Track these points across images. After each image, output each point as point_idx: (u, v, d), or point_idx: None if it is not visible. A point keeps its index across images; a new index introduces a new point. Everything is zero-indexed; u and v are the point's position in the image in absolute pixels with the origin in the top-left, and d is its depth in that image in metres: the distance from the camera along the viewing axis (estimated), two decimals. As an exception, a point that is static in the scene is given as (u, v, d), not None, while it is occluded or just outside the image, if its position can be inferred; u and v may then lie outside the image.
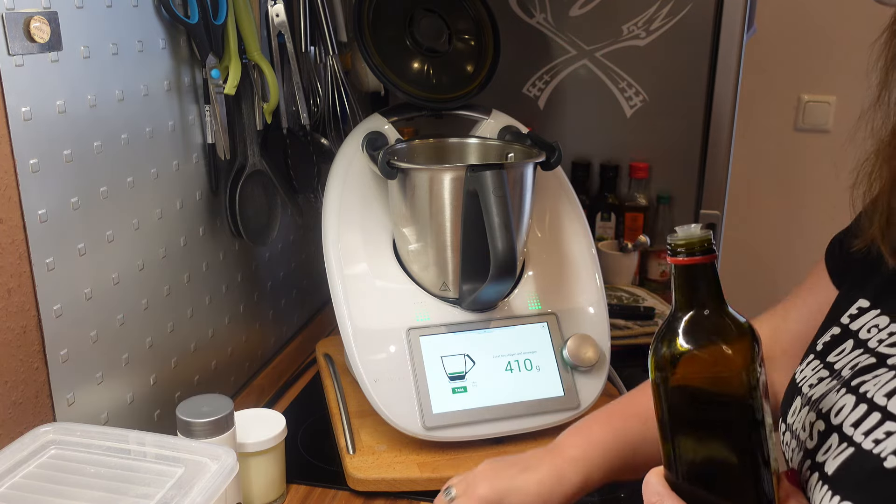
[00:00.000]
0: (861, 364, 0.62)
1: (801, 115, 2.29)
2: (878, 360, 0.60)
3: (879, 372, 0.59)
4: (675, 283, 0.58)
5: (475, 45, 1.18)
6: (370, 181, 1.09)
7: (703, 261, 0.57)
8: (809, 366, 0.68)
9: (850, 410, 0.59)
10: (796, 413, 0.66)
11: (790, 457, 0.67)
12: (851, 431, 0.58)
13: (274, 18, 1.14)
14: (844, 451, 0.58)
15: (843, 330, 0.67)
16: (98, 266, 0.88)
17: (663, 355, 0.58)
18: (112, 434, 0.77)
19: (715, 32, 1.44)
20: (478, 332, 1.03)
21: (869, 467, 0.55)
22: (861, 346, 0.63)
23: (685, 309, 0.58)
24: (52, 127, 0.80)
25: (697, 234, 0.57)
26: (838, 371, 0.64)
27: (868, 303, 0.66)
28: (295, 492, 0.98)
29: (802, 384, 0.67)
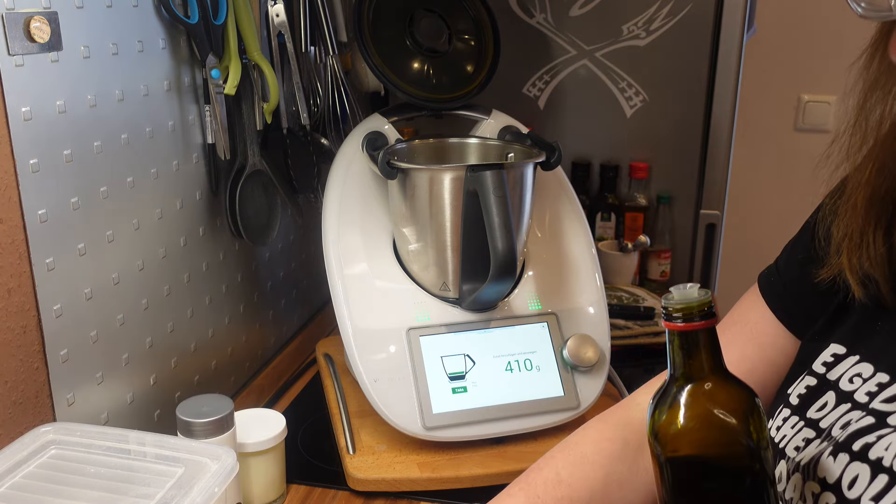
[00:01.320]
0: (856, 424, 0.56)
1: (801, 115, 2.29)
2: (876, 419, 0.55)
3: (884, 432, 0.54)
4: (671, 349, 0.54)
5: (475, 45, 1.18)
6: (370, 181, 1.09)
7: (704, 326, 0.53)
8: (787, 423, 0.62)
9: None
10: (783, 481, 0.60)
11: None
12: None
13: (274, 18, 1.14)
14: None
15: (819, 380, 0.61)
16: (98, 266, 0.88)
17: (664, 429, 0.55)
18: (112, 434, 0.77)
19: (715, 32, 1.44)
20: (478, 332, 1.03)
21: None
22: (847, 399, 0.58)
23: (685, 380, 0.54)
24: (52, 127, 0.80)
25: (696, 297, 0.53)
26: (826, 431, 0.58)
27: (844, 348, 0.61)
28: (295, 492, 0.98)
29: (786, 446, 0.61)
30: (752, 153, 2.29)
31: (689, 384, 0.54)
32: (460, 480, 0.97)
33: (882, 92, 0.58)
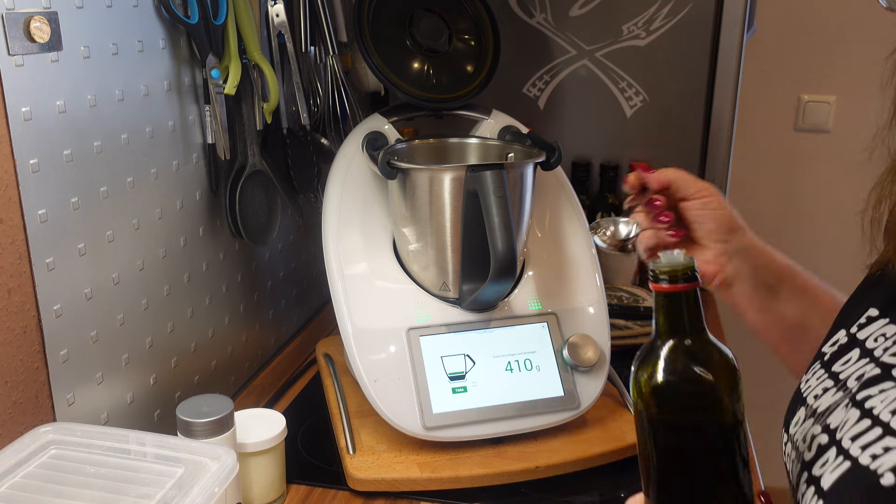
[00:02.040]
0: (867, 375, 0.60)
1: (801, 115, 2.29)
2: (882, 370, 0.59)
3: (886, 386, 0.58)
4: (656, 310, 0.58)
5: (475, 45, 1.18)
6: (370, 181, 1.09)
7: (687, 288, 0.57)
8: (815, 375, 0.67)
9: (853, 424, 0.58)
10: (799, 424, 0.66)
11: (790, 468, 0.67)
12: (849, 445, 0.57)
13: (274, 18, 1.14)
14: (841, 466, 0.57)
15: (850, 338, 0.65)
16: (98, 266, 0.88)
17: (645, 384, 0.57)
18: (112, 434, 0.77)
19: (715, 32, 1.44)
20: (478, 332, 1.03)
21: (865, 484, 0.54)
22: (867, 355, 0.62)
23: (667, 337, 0.57)
24: (52, 127, 0.80)
25: (681, 261, 0.57)
26: (843, 381, 0.63)
27: (877, 311, 0.65)
28: (295, 492, 0.98)
29: (807, 394, 0.66)
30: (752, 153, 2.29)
31: (671, 341, 0.57)
32: (460, 480, 0.97)
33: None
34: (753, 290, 0.84)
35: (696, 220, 0.83)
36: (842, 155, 2.19)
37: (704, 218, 0.83)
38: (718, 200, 0.83)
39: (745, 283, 0.84)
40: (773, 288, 0.84)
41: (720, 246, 0.83)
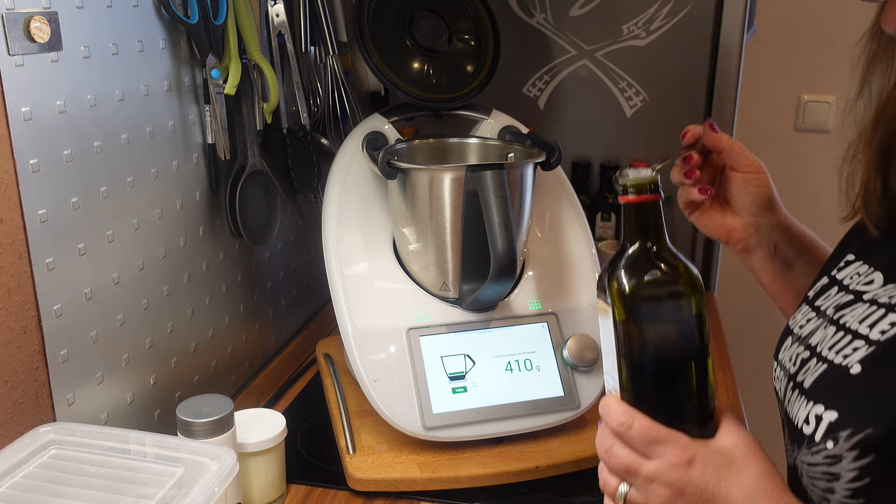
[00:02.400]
0: (841, 302, 0.70)
1: (801, 115, 2.29)
2: (854, 296, 0.69)
3: (856, 305, 0.68)
4: (624, 221, 0.65)
5: (475, 45, 1.18)
6: (370, 181, 1.09)
7: (651, 199, 0.64)
8: (800, 312, 0.76)
9: (830, 338, 0.68)
10: (787, 349, 0.75)
11: (779, 387, 0.75)
12: (827, 353, 0.67)
13: (274, 18, 1.14)
14: (819, 369, 0.67)
15: (830, 280, 0.75)
16: (98, 266, 0.88)
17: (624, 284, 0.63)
18: (112, 434, 0.77)
19: (715, 32, 1.44)
20: (478, 332, 1.03)
21: (838, 377, 0.64)
22: (843, 289, 0.72)
23: (636, 243, 0.64)
24: (52, 127, 0.80)
25: (646, 176, 0.64)
26: (823, 311, 0.72)
27: (854, 256, 0.74)
28: (295, 492, 0.98)
29: (794, 327, 0.75)
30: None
31: (640, 245, 0.64)
32: (460, 480, 0.97)
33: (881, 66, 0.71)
34: (771, 261, 0.90)
35: (737, 191, 0.88)
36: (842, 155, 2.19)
37: (745, 192, 0.88)
38: (762, 179, 0.88)
39: (765, 254, 0.90)
40: (790, 261, 0.90)
41: (751, 218, 0.89)
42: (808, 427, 0.65)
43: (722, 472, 0.61)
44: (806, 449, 0.65)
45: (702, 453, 0.61)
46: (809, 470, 0.65)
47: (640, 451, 0.62)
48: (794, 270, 0.90)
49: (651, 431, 0.61)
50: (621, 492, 0.64)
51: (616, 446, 0.63)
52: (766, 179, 0.88)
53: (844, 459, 0.61)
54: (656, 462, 0.61)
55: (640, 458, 0.62)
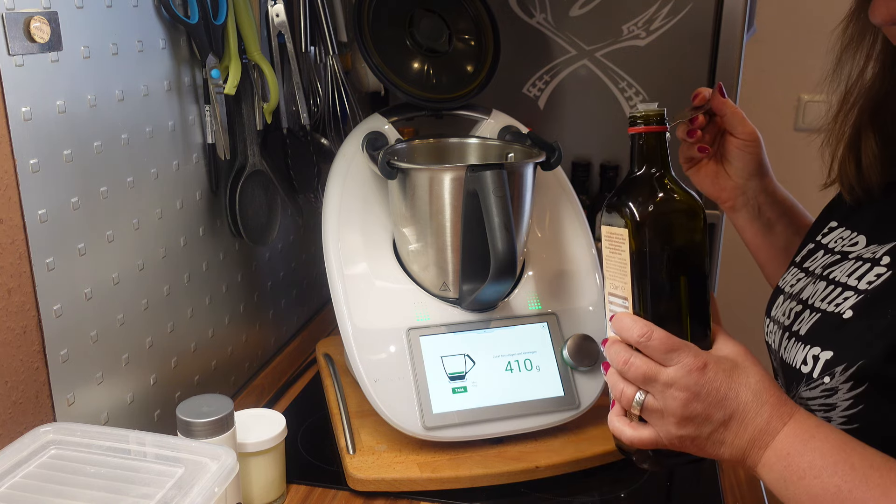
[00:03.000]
0: (829, 262, 0.79)
1: (801, 115, 2.29)
2: (842, 256, 0.78)
3: (843, 263, 0.77)
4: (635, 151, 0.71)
5: (475, 45, 1.18)
6: (370, 181, 1.09)
7: (659, 129, 0.70)
8: (790, 273, 0.84)
9: (822, 292, 0.76)
10: (779, 307, 0.82)
11: (772, 340, 0.82)
12: (819, 304, 0.76)
13: (274, 18, 1.14)
14: (814, 318, 0.75)
15: (816, 244, 0.83)
16: (98, 266, 0.88)
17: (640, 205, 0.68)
18: (112, 434, 0.77)
19: (715, 32, 1.44)
20: (478, 332, 1.03)
21: (832, 322, 0.73)
22: (829, 252, 0.80)
23: (646, 169, 0.70)
24: (52, 127, 0.80)
25: (654, 108, 0.70)
26: (811, 271, 0.80)
27: (836, 223, 0.83)
28: (295, 492, 0.98)
29: (784, 286, 0.83)
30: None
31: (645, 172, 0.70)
32: (460, 480, 0.97)
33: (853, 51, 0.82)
34: (754, 221, 0.99)
35: (731, 155, 0.96)
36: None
37: (738, 157, 0.96)
38: (756, 147, 0.95)
39: (749, 214, 0.99)
40: (771, 222, 0.99)
41: (740, 181, 0.97)
42: (805, 367, 0.73)
43: (731, 375, 0.66)
44: (804, 386, 0.73)
45: (712, 359, 0.67)
46: (808, 403, 0.73)
47: (658, 360, 0.67)
48: (774, 231, 0.99)
49: (668, 341, 0.66)
50: (638, 399, 0.68)
51: (635, 357, 0.68)
52: (760, 147, 0.96)
53: (840, 391, 0.70)
54: (674, 368, 0.66)
55: (658, 366, 0.67)
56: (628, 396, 0.69)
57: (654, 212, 0.68)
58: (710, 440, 0.67)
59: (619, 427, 0.70)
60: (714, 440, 0.67)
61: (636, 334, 0.67)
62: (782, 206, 0.99)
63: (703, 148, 0.96)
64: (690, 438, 0.67)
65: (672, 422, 0.66)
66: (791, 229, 0.99)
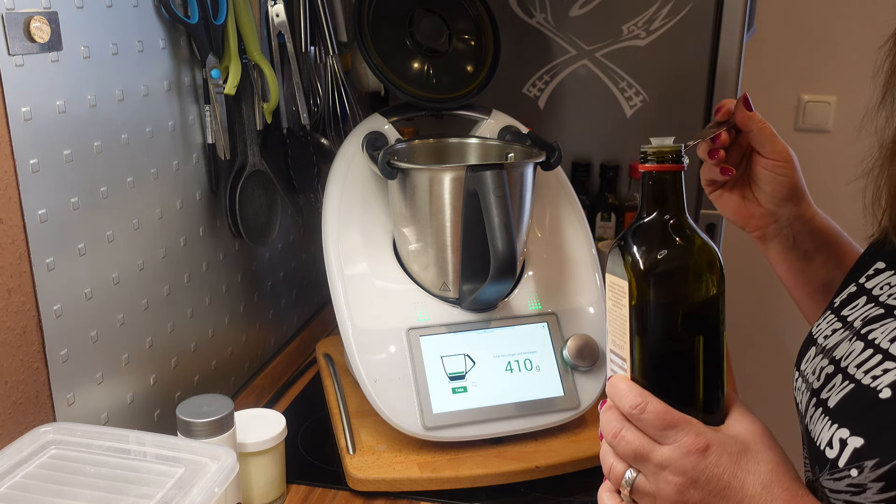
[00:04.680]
0: (871, 315, 0.65)
1: (801, 115, 2.29)
2: (885, 310, 0.65)
3: (887, 321, 0.63)
4: (645, 191, 0.62)
5: (475, 45, 1.18)
6: (370, 181, 1.09)
7: (672, 169, 0.61)
8: (825, 320, 0.72)
9: (858, 354, 0.63)
10: (809, 361, 0.70)
11: (799, 399, 0.71)
12: (854, 371, 0.63)
13: (274, 18, 1.14)
14: (846, 388, 0.63)
15: (858, 288, 0.70)
16: (98, 266, 0.88)
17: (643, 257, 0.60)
18: (112, 434, 0.77)
19: (715, 32, 1.43)
20: (478, 332, 1.03)
21: (866, 400, 0.60)
22: (873, 300, 0.67)
23: (656, 214, 0.61)
24: (52, 127, 0.80)
25: (669, 144, 0.61)
26: (850, 323, 0.68)
27: (884, 265, 0.69)
28: (295, 492, 0.98)
29: (818, 336, 0.71)
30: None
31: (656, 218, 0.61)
32: (460, 480, 0.97)
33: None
34: (788, 253, 0.87)
35: (759, 178, 0.84)
36: (842, 155, 2.19)
37: (767, 180, 0.83)
38: (788, 169, 0.83)
39: (783, 245, 0.86)
40: (809, 254, 0.86)
41: (771, 207, 0.85)
42: (831, 451, 0.62)
43: (737, 461, 0.57)
44: (828, 473, 0.62)
45: (717, 440, 0.58)
46: (832, 496, 0.62)
47: (653, 436, 0.58)
48: (812, 264, 0.87)
49: (666, 416, 0.58)
50: (628, 478, 0.60)
51: (626, 429, 0.59)
52: (793, 169, 0.83)
53: (869, 490, 0.58)
54: (669, 448, 0.58)
55: (651, 442, 0.58)
56: (618, 473, 0.61)
57: (661, 262, 0.60)
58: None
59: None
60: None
61: (628, 404, 0.59)
62: (823, 237, 0.86)
63: (727, 169, 0.83)
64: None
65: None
66: (832, 262, 0.86)
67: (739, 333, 2.23)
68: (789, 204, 0.84)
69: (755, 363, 2.27)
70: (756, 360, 2.28)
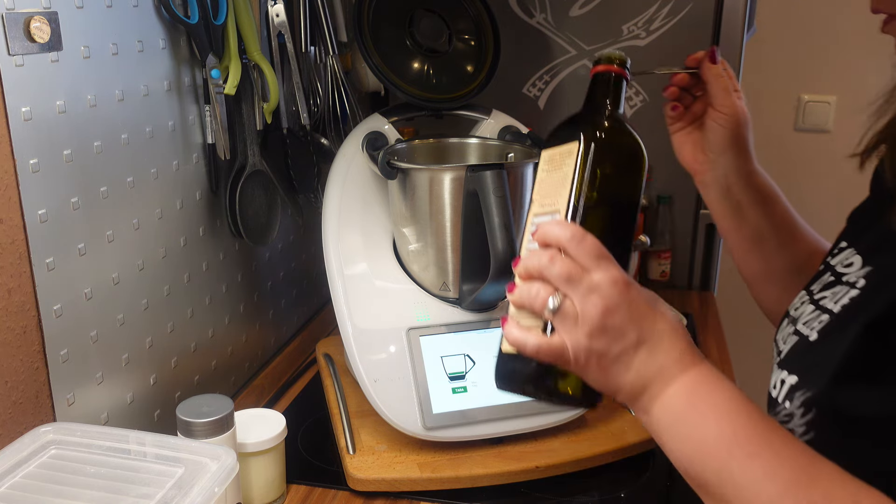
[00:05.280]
0: (826, 282, 0.74)
1: (801, 115, 2.29)
2: (836, 278, 0.73)
3: (837, 287, 0.71)
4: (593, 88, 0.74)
5: (475, 45, 1.18)
6: (370, 181, 1.09)
7: (617, 71, 0.73)
8: (798, 296, 0.80)
9: (808, 314, 0.73)
10: (782, 330, 0.78)
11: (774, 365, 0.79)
12: (800, 327, 0.73)
13: (274, 18, 1.14)
14: (791, 339, 0.73)
15: (825, 266, 0.78)
16: (98, 266, 0.88)
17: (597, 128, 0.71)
18: (112, 434, 0.77)
19: (715, 32, 1.44)
20: (478, 332, 1.03)
21: (803, 345, 0.70)
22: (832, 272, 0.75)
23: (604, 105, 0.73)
24: (52, 127, 0.80)
25: (617, 53, 0.73)
26: (812, 292, 0.76)
27: (846, 244, 0.76)
28: (295, 492, 0.98)
29: (790, 310, 0.79)
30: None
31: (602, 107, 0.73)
32: (460, 480, 0.97)
33: None
34: (722, 200, 0.94)
35: (706, 127, 0.93)
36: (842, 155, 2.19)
37: (712, 129, 0.92)
38: (731, 124, 0.91)
39: (718, 193, 0.94)
40: (742, 205, 0.93)
41: (712, 156, 0.93)
42: (774, 391, 0.70)
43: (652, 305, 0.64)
44: (773, 412, 0.70)
45: (636, 284, 0.64)
46: None
47: (585, 264, 0.62)
48: (744, 217, 0.93)
49: (601, 248, 0.63)
50: (552, 304, 0.63)
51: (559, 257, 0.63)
52: (739, 126, 0.91)
53: (795, 416, 0.67)
54: (599, 274, 0.62)
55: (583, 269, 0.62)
56: (542, 299, 0.63)
57: (608, 129, 0.71)
58: (617, 361, 0.62)
59: (522, 335, 0.64)
60: (621, 361, 0.62)
61: (569, 234, 0.63)
62: (758, 194, 0.93)
63: (675, 107, 0.96)
64: (598, 354, 0.62)
65: (585, 331, 0.62)
66: (765, 220, 0.93)
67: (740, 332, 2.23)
68: (729, 155, 0.91)
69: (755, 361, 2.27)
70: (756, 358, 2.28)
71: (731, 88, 0.91)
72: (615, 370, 0.63)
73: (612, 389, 0.64)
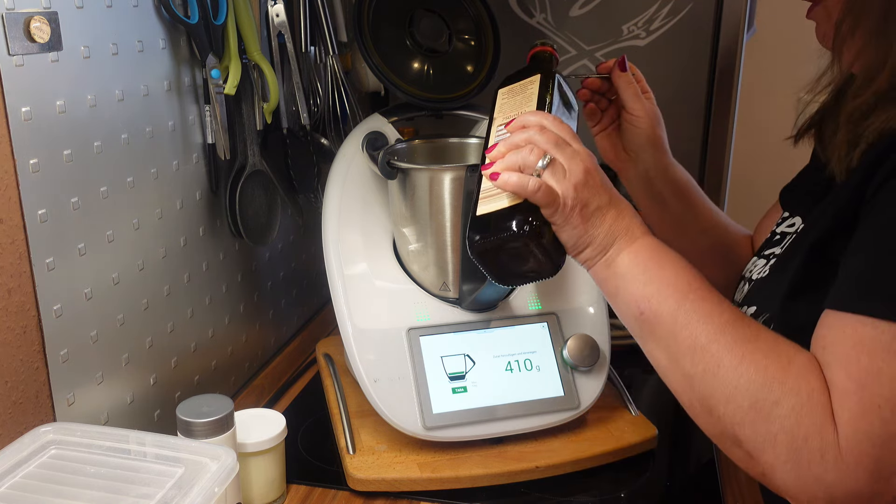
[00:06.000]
0: (772, 241, 0.87)
1: (801, 115, 2.29)
2: (781, 236, 0.86)
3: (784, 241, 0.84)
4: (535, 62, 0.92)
5: (475, 45, 1.18)
6: (370, 181, 1.09)
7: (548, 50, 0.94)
8: (751, 261, 0.91)
9: (759, 266, 0.85)
10: (740, 290, 0.89)
11: None
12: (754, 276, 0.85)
13: (274, 18, 1.14)
14: (745, 286, 0.86)
15: (772, 234, 0.89)
16: (98, 266, 0.88)
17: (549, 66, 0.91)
18: (112, 434, 0.77)
19: (715, 32, 1.43)
20: (478, 332, 1.03)
21: (759, 284, 0.82)
22: (779, 235, 0.87)
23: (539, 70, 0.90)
24: (52, 127, 0.80)
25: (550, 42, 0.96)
26: (761, 252, 0.88)
27: (788, 213, 0.90)
28: (295, 492, 0.98)
29: (744, 273, 0.90)
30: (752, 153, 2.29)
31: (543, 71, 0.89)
32: (460, 480, 0.97)
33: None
34: (646, 191, 1.04)
35: (622, 128, 1.02)
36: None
37: (626, 130, 1.01)
38: (644, 125, 1.00)
39: (640, 185, 1.04)
40: (663, 197, 1.03)
41: (632, 154, 1.02)
42: None
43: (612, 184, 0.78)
44: None
45: None
46: None
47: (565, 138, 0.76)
48: (665, 206, 1.04)
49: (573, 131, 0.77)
50: (543, 163, 0.73)
51: (546, 129, 0.75)
52: (650, 126, 1.00)
53: None
54: (579, 145, 0.76)
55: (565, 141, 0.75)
56: (532, 160, 0.74)
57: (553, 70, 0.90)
58: (596, 213, 0.74)
59: (524, 178, 0.73)
60: (598, 214, 0.74)
61: (549, 118, 0.76)
62: (676, 186, 1.03)
63: (591, 107, 1.04)
64: (582, 203, 0.73)
65: (573, 182, 0.73)
66: (684, 208, 1.04)
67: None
68: (647, 152, 1.01)
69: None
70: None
71: (640, 93, 1.00)
72: (593, 221, 0.74)
73: (585, 240, 0.75)
